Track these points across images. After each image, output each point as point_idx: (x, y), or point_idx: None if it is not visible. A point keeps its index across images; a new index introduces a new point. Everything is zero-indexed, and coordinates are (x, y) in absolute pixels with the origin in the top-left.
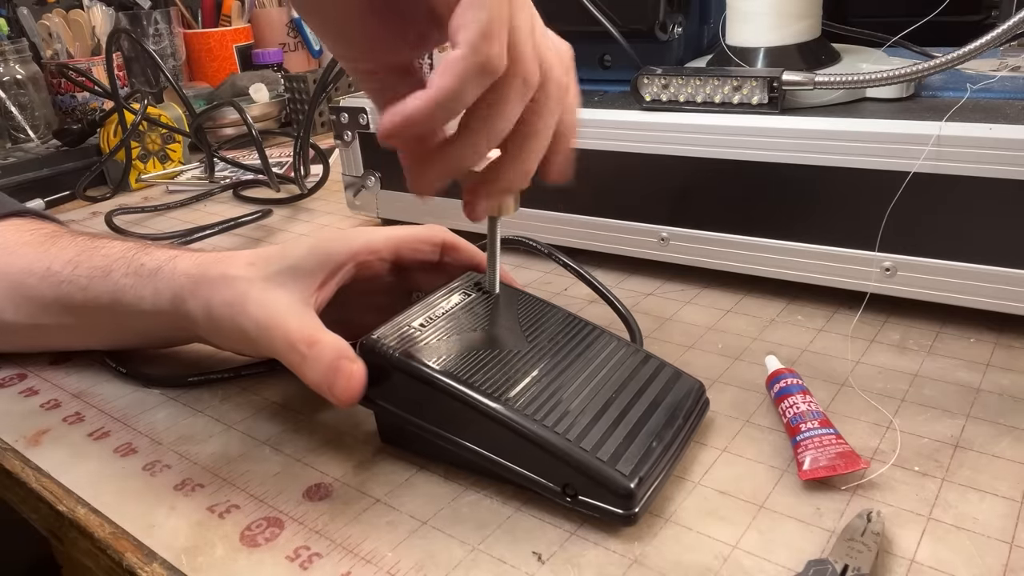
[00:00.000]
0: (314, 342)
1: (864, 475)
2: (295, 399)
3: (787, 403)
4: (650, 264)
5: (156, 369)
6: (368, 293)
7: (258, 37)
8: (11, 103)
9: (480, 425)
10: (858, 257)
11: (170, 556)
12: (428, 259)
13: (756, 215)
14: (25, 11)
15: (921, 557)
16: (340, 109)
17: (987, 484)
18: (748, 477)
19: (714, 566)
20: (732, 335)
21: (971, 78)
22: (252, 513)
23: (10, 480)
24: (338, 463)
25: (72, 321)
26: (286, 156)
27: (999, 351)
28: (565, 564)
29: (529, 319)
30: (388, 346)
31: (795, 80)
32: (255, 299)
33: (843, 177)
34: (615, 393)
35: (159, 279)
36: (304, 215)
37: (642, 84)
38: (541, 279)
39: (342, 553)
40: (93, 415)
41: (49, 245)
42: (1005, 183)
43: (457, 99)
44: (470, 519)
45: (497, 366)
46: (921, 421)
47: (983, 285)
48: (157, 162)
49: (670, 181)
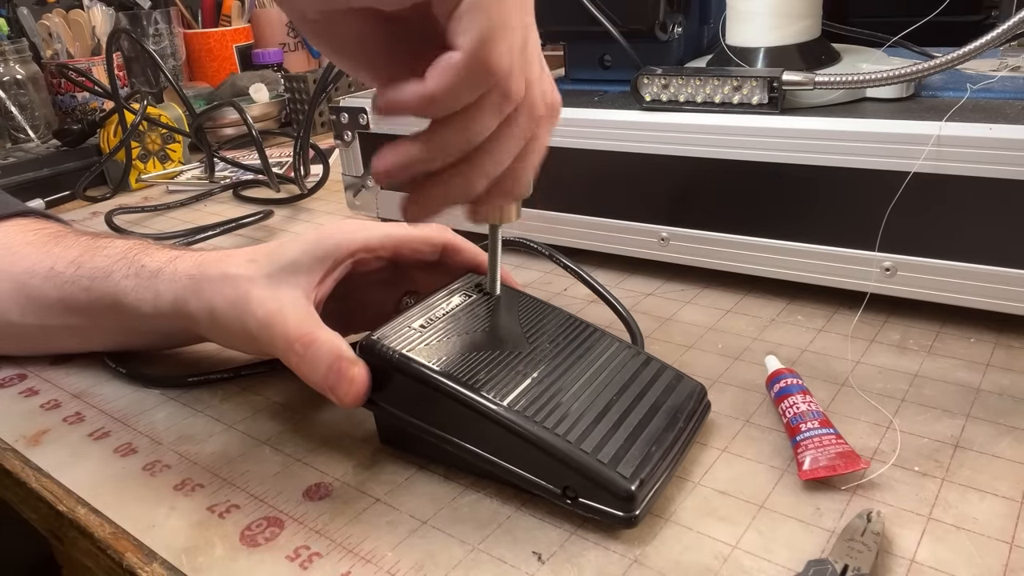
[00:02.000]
0: (311, 341)
1: (864, 475)
2: (295, 399)
3: (787, 403)
4: (650, 264)
5: (156, 369)
6: (365, 289)
7: (258, 37)
8: (11, 103)
9: (480, 427)
10: (858, 257)
11: (170, 556)
12: (428, 259)
13: (756, 215)
14: (25, 11)
15: (921, 557)
16: (340, 109)
17: (987, 484)
18: (748, 477)
19: (714, 566)
20: (732, 335)
21: (971, 78)
22: (252, 513)
23: (10, 480)
24: (338, 463)
25: (77, 322)
26: (286, 156)
27: (999, 351)
28: (565, 564)
29: (530, 321)
30: (388, 347)
31: (795, 80)
32: (257, 297)
33: (843, 177)
34: (616, 395)
35: (160, 281)
36: (304, 215)
37: (642, 84)
38: (541, 279)
39: (342, 553)
40: (93, 415)
41: (52, 245)
42: (1005, 183)
43: (449, 99)
44: (470, 519)
45: (497, 368)
46: (921, 421)
47: (983, 285)
48: (157, 162)
49: (670, 181)
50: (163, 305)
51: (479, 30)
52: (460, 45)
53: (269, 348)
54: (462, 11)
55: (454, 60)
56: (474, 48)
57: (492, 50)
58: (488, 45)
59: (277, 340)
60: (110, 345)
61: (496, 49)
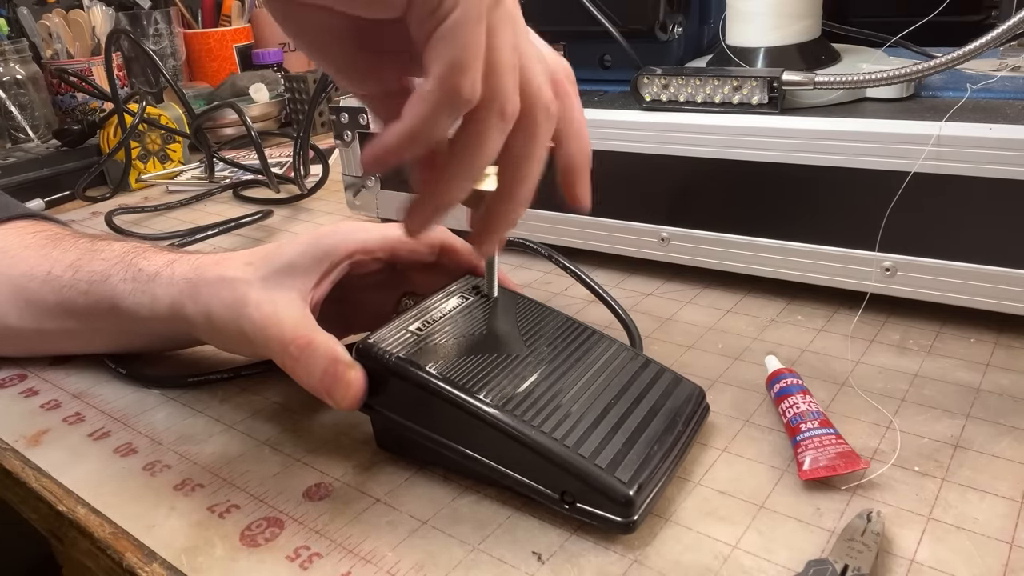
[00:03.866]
0: (306, 344)
1: (864, 475)
2: (295, 399)
3: (787, 403)
4: (650, 264)
5: (156, 370)
6: (363, 290)
7: (258, 37)
8: (11, 103)
9: (476, 430)
10: (858, 257)
11: (170, 556)
12: (425, 260)
13: (756, 215)
14: (25, 11)
15: (921, 557)
16: (340, 109)
17: (987, 484)
18: (748, 477)
19: (714, 566)
20: (732, 335)
21: (971, 78)
22: (252, 513)
23: (10, 480)
24: (338, 463)
25: (75, 325)
26: (286, 156)
27: (999, 351)
28: (565, 564)
29: (528, 323)
30: (384, 350)
31: (795, 80)
32: (254, 300)
33: (843, 177)
34: (614, 398)
35: (157, 285)
36: (304, 215)
37: (642, 84)
38: (541, 279)
39: (342, 553)
40: (93, 415)
41: (51, 248)
42: (1005, 183)
43: (429, 130)
44: (470, 519)
45: (495, 371)
46: (921, 421)
47: (983, 285)
48: (157, 162)
49: (670, 181)
50: (160, 309)
51: (450, 58)
52: (431, 73)
53: (265, 351)
54: (436, 37)
55: (425, 90)
56: (444, 75)
57: (462, 77)
58: (458, 73)
59: (272, 343)
60: (108, 348)
61: (466, 77)
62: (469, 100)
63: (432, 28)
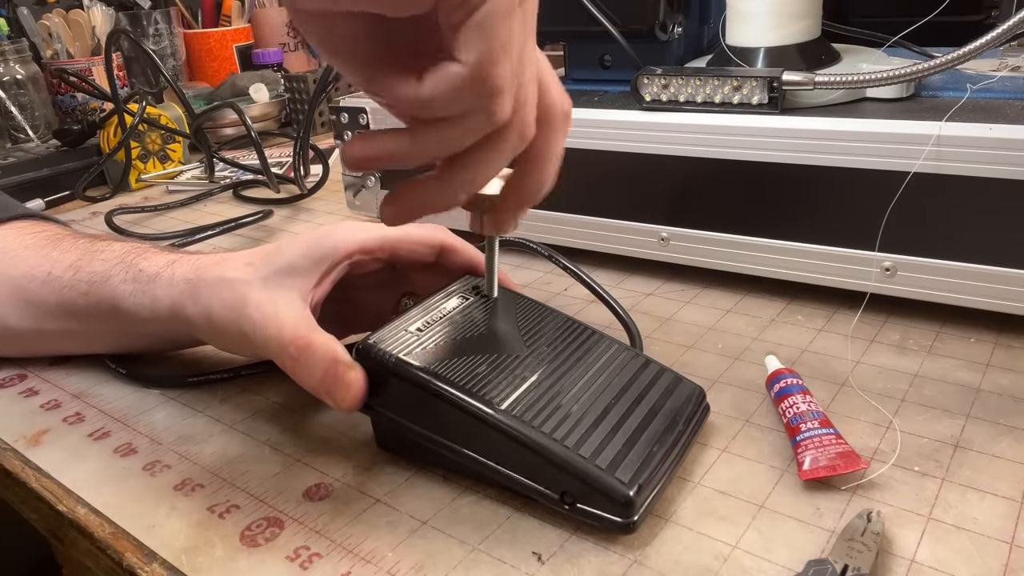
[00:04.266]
0: (306, 344)
1: (864, 475)
2: (295, 399)
3: (787, 403)
4: (650, 264)
5: (156, 370)
6: (363, 290)
7: (258, 37)
8: (11, 103)
9: (476, 431)
10: (858, 257)
11: (170, 556)
12: (425, 260)
13: (756, 215)
14: (25, 11)
15: (921, 557)
16: (340, 109)
17: (987, 484)
18: (748, 477)
19: (714, 566)
20: (732, 335)
21: (971, 78)
22: (252, 513)
23: (10, 480)
24: (338, 463)
25: (75, 326)
26: (286, 156)
27: (999, 351)
28: (565, 564)
29: (528, 323)
30: (384, 351)
31: (795, 80)
32: (254, 300)
33: (843, 177)
34: (614, 399)
35: (158, 285)
36: (304, 215)
37: (642, 84)
38: (541, 279)
39: (342, 553)
40: (93, 415)
41: (51, 249)
42: (1005, 183)
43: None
44: (470, 519)
45: (495, 371)
46: (921, 421)
47: (983, 285)
48: (157, 162)
49: (670, 181)
50: (161, 309)
51: (486, 47)
52: (463, 59)
53: (265, 351)
54: (470, 25)
55: (454, 71)
56: (478, 64)
57: (494, 70)
58: (491, 65)
59: (272, 343)
60: (109, 349)
61: (498, 70)
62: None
63: (461, 19)
